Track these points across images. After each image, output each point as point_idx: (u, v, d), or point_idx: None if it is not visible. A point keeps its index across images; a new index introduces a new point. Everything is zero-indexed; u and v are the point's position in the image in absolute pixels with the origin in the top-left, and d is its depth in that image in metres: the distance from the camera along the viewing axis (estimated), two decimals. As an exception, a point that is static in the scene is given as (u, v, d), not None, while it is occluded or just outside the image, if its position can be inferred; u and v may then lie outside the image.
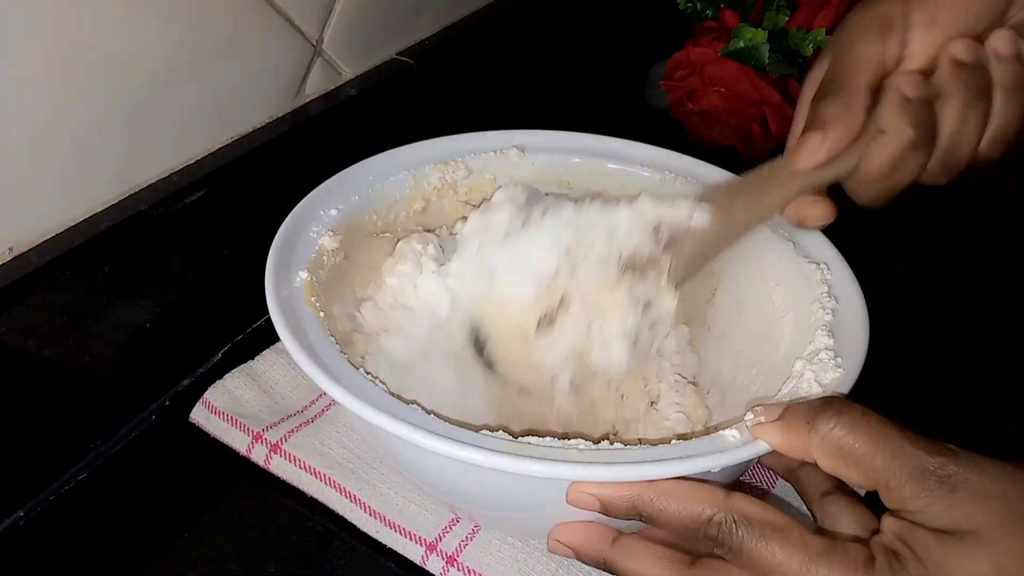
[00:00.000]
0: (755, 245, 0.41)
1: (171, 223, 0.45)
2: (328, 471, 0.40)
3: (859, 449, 0.26)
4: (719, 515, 0.27)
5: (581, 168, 0.46)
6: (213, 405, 0.44)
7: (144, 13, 0.41)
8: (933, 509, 0.25)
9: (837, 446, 0.26)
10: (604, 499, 0.28)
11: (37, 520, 0.40)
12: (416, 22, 0.62)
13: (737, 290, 0.43)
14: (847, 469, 0.26)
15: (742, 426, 0.29)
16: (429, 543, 0.38)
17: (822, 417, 0.27)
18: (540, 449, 0.28)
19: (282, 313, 0.33)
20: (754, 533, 0.26)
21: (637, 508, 0.28)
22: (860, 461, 0.26)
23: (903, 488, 0.25)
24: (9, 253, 0.39)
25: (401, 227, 0.44)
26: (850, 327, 0.34)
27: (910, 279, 0.60)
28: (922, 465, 0.25)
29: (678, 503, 0.27)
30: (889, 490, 0.25)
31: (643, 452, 0.28)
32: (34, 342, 0.39)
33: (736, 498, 0.27)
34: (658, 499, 0.27)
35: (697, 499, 0.27)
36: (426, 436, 0.28)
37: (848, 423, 0.26)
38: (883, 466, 0.25)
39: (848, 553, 0.25)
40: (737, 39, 0.65)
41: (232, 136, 0.49)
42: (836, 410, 0.27)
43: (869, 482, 0.26)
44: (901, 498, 0.25)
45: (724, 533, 0.26)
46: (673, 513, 0.27)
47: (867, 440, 0.26)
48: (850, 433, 0.26)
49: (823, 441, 0.26)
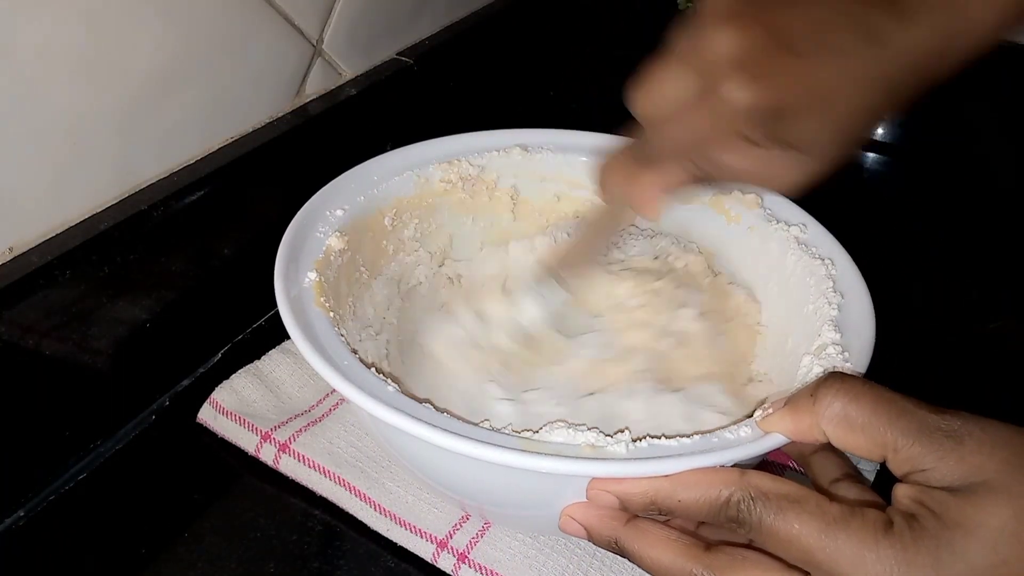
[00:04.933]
0: (759, 241, 0.42)
1: (171, 223, 0.44)
2: (337, 470, 0.40)
3: (864, 415, 0.26)
4: (736, 494, 0.27)
5: (587, 167, 0.46)
6: (221, 405, 0.43)
7: (144, 12, 0.41)
8: (944, 464, 0.25)
9: (843, 415, 0.26)
10: (622, 495, 0.28)
11: (37, 520, 0.40)
12: (416, 22, 0.62)
13: (743, 286, 0.43)
14: (855, 437, 0.26)
15: (755, 418, 0.29)
16: (440, 541, 0.38)
17: (824, 390, 0.27)
18: (553, 446, 0.28)
19: (293, 314, 0.33)
20: (771, 506, 0.26)
21: (655, 502, 0.28)
22: (866, 426, 0.26)
23: (911, 447, 0.25)
24: (9, 253, 0.39)
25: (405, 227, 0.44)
26: (856, 322, 0.35)
27: (914, 273, 0.60)
28: (927, 423, 0.25)
29: (695, 490, 0.27)
30: (898, 451, 0.26)
31: (658, 447, 0.28)
32: (34, 341, 0.39)
33: (751, 475, 0.27)
34: (675, 491, 0.27)
35: (713, 483, 0.27)
36: (443, 436, 0.28)
37: (850, 392, 0.27)
38: (890, 428, 0.26)
39: (866, 517, 0.25)
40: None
41: (232, 136, 0.49)
42: (837, 381, 0.27)
43: (878, 447, 0.26)
44: (910, 458, 0.25)
45: (743, 511, 0.26)
46: (692, 502, 0.27)
47: (870, 406, 0.26)
48: (853, 401, 0.26)
49: (828, 412, 0.27)
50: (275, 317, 0.33)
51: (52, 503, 0.40)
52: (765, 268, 0.41)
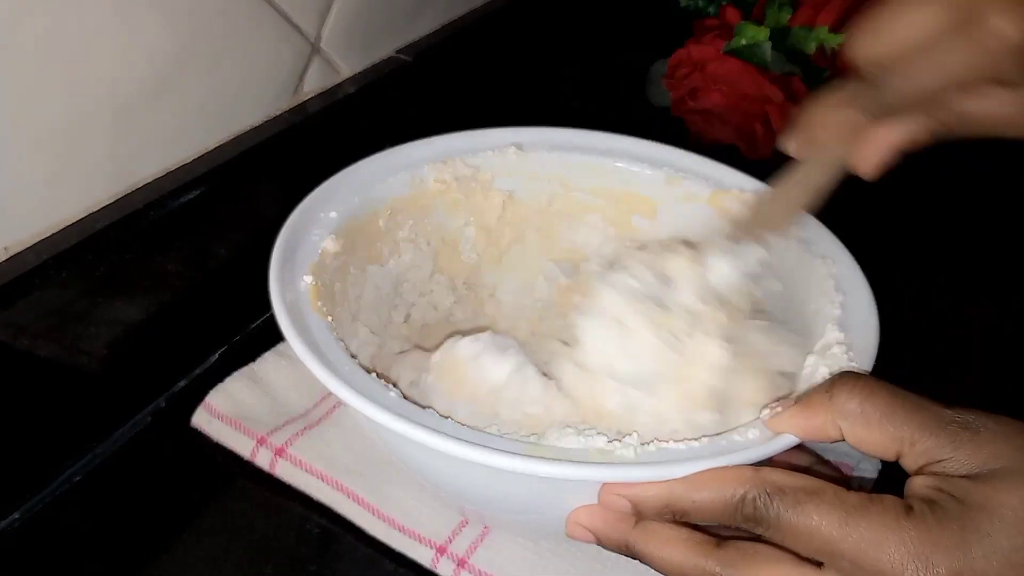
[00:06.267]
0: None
1: (167, 222, 0.44)
2: (335, 474, 0.40)
3: (881, 411, 0.26)
4: (751, 492, 0.26)
5: (582, 166, 0.46)
6: (216, 409, 0.43)
7: (140, 11, 0.41)
8: (961, 452, 0.25)
9: (859, 412, 0.27)
10: (636, 499, 0.28)
11: (33, 522, 0.39)
12: (415, 20, 0.62)
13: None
14: (871, 433, 0.26)
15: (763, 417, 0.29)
16: (439, 546, 0.37)
17: (840, 387, 0.27)
18: (560, 451, 0.28)
19: (290, 318, 0.32)
20: (788, 501, 0.26)
21: (670, 505, 0.27)
22: (883, 422, 0.26)
23: (927, 440, 0.26)
24: (4, 253, 0.39)
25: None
26: (859, 321, 0.34)
27: (915, 271, 0.60)
28: (943, 416, 0.26)
29: (710, 491, 0.27)
30: (914, 444, 0.26)
31: (666, 451, 0.28)
32: (29, 342, 0.39)
33: (765, 471, 0.27)
34: (689, 492, 0.27)
35: (728, 482, 0.27)
36: (455, 444, 0.27)
37: (866, 389, 0.27)
38: (907, 423, 0.26)
39: (885, 503, 0.25)
40: (739, 37, 0.64)
41: (229, 134, 0.49)
42: (852, 379, 0.27)
43: (895, 442, 0.26)
44: (927, 450, 0.26)
45: (759, 509, 0.26)
46: (707, 502, 0.27)
47: (886, 402, 0.26)
48: (869, 398, 0.27)
49: (845, 409, 0.27)
50: (271, 318, 0.32)
51: (47, 505, 0.40)
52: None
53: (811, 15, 0.66)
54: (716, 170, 0.45)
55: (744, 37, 0.64)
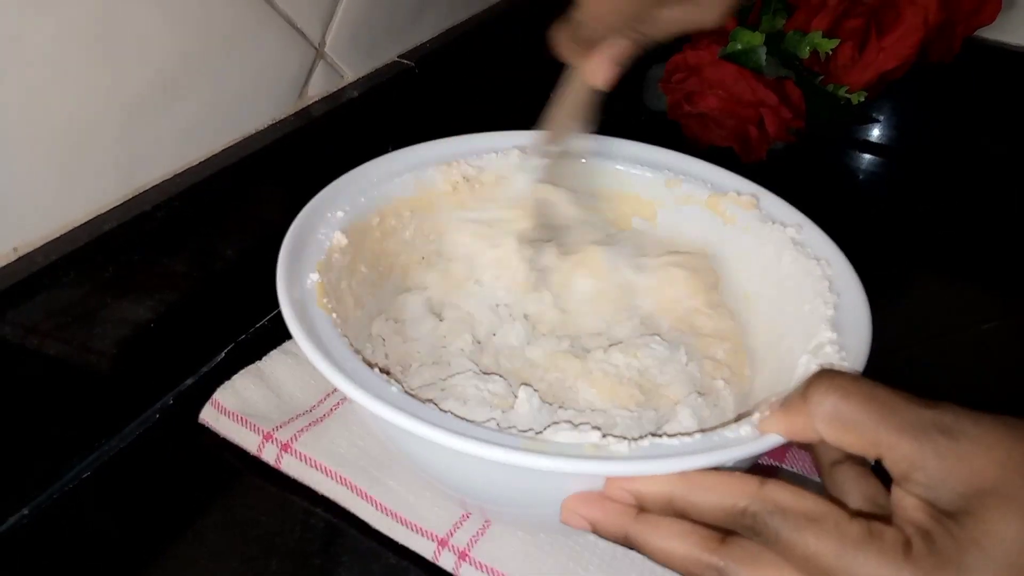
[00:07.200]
0: (755, 242, 0.42)
1: (174, 224, 0.45)
2: (339, 469, 0.40)
3: (854, 412, 0.26)
4: (754, 506, 0.26)
5: (584, 169, 0.46)
6: (222, 406, 0.44)
7: (147, 15, 0.41)
8: (945, 463, 0.24)
9: (833, 412, 0.26)
10: (639, 494, 0.28)
11: (42, 517, 0.40)
12: (418, 25, 0.62)
13: (738, 286, 0.43)
14: (847, 435, 0.26)
15: (754, 419, 0.29)
16: (441, 539, 0.38)
17: (814, 388, 0.27)
18: (557, 446, 0.29)
19: (296, 315, 0.33)
20: (789, 523, 0.25)
21: (673, 501, 0.27)
22: (857, 424, 0.26)
23: (906, 445, 0.25)
24: (14, 253, 0.39)
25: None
26: (852, 321, 0.35)
27: (908, 273, 0.60)
28: (918, 418, 0.25)
29: (713, 496, 0.27)
30: (892, 449, 0.25)
31: (660, 446, 0.29)
32: (39, 341, 0.39)
33: (770, 487, 0.27)
34: (692, 493, 0.27)
35: (732, 491, 0.27)
36: (454, 437, 0.28)
37: (840, 388, 0.26)
38: (881, 425, 0.25)
39: (885, 539, 0.25)
40: (734, 42, 0.65)
41: (234, 138, 0.49)
42: (827, 378, 0.27)
43: (871, 446, 0.26)
44: (907, 456, 0.25)
45: (759, 523, 0.26)
46: (709, 507, 0.27)
47: (861, 402, 0.26)
48: (843, 398, 0.26)
49: (819, 410, 0.26)
50: (277, 317, 0.33)
51: (56, 501, 0.41)
52: (760, 269, 0.42)
53: (805, 20, 0.66)
54: (713, 173, 0.46)
55: (739, 42, 0.65)
